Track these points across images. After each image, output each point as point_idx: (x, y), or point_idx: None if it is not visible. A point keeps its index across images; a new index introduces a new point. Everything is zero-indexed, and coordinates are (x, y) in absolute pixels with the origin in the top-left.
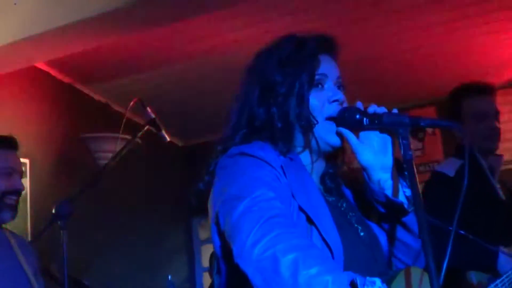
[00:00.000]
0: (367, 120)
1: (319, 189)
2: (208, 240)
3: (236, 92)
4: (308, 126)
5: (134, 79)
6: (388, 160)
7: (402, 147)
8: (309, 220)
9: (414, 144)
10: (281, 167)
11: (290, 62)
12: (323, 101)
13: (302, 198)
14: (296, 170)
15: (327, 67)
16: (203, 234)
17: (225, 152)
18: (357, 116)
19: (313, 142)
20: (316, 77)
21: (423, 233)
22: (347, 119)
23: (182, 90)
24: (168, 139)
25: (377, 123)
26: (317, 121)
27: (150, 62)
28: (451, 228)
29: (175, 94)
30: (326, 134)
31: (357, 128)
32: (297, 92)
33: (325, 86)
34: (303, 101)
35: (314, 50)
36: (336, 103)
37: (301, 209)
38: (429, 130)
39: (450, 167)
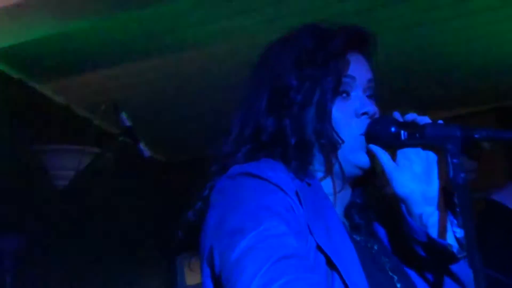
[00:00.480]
0: (406, 133)
1: (344, 224)
2: (197, 287)
3: (235, 95)
4: (330, 146)
5: (104, 76)
6: (434, 189)
7: (451, 169)
8: (330, 264)
9: (466, 164)
10: (296, 193)
11: (310, 62)
12: (349, 114)
13: (321, 235)
14: (314, 198)
15: (356, 68)
16: (191, 278)
17: (224, 172)
18: (393, 129)
19: (336, 166)
20: (342, 81)
21: (479, 286)
22: (380, 133)
23: (166, 91)
24: (148, 153)
25: (419, 137)
26: (342, 140)
27: (123, 55)
28: None
29: (156, 96)
30: (353, 153)
31: (392, 144)
32: (318, 102)
33: (352, 94)
34: (325, 113)
35: (342, 46)
36: (365, 116)
37: (319, 248)
38: (487, 145)
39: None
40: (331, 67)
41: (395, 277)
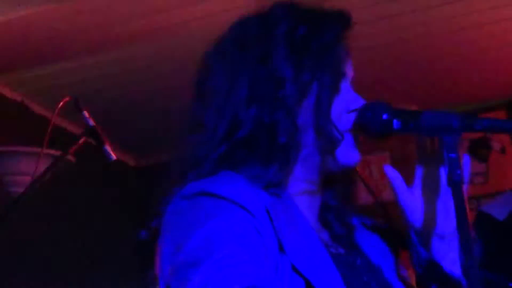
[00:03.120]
0: (399, 122)
1: (322, 237)
2: None
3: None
4: (330, 144)
5: (63, 70)
6: (453, 222)
7: (447, 164)
8: (309, 286)
9: (474, 166)
10: (266, 210)
11: (306, 51)
12: (340, 110)
13: (297, 255)
14: (286, 212)
15: (346, 62)
16: None
17: (183, 186)
18: (385, 116)
19: (331, 164)
20: (339, 75)
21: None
22: (370, 120)
23: (133, 86)
24: (114, 157)
25: (413, 127)
26: (342, 136)
27: (85, 44)
28: None
29: (122, 92)
30: (344, 152)
31: (384, 134)
32: (317, 96)
33: (343, 88)
34: (326, 108)
35: (336, 38)
36: (355, 112)
37: (295, 270)
38: (497, 146)
39: (503, 205)
40: (329, 59)
41: None
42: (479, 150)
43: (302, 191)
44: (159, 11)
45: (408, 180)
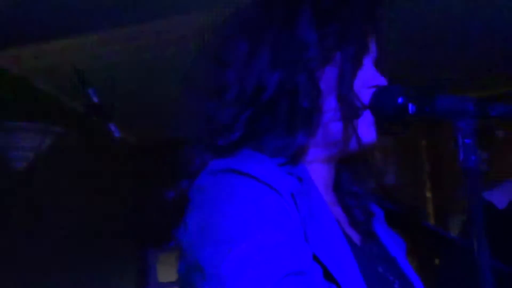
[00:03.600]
0: (414, 106)
1: (340, 221)
2: (171, 285)
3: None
4: (352, 114)
5: (67, 45)
6: None
7: (461, 149)
8: (328, 276)
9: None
10: (292, 195)
11: (333, 17)
12: (360, 84)
13: (319, 243)
14: (308, 198)
15: (370, 38)
16: (164, 275)
17: (215, 154)
18: (400, 100)
19: (350, 133)
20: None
21: (486, 282)
22: (385, 104)
23: (137, 64)
24: (119, 133)
25: (429, 112)
26: (364, 106)
27: (90, 20)
28: None
29: (126, 70)
30: (362, 128)
31: (398, 118)
32: (341, 63)
33: (365, 63)
34: (349, 76)
35: (365, 9)
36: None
37: (316, 259)
38: (501, 133)
39: (504, 193)
40: (355, 30)
41: (396, 284)
42: (483, 138)
43: (320, 159)
44: None
45: (410, 164)
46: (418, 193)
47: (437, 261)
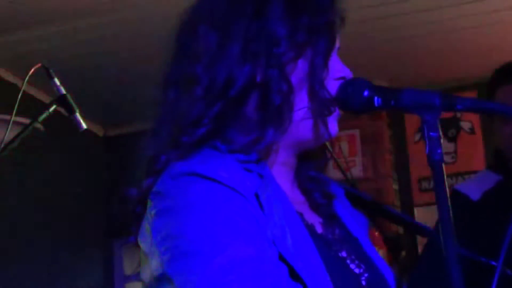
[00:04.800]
0: (380, 99)
1: (299, 213)
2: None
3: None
4: (323, 110)
5: (32, 37)
6: None
7: (427, 142)
8: (293, 275)
9: (443, 146)
10: (256, 195)
11: (303, 11)
12: (328, 77)
13: (285, 243)
14: (270, 195)
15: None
16: (129, 266)
17: (182, 153)
18: (366, 93)
19: (321, 131)
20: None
21: (453, 270)
22: (351, 96)
23: (103, 55)
24: (84, 126)
25: (394, 105)
26: (335, 103)
27: (55, 11)
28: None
29: (92, 61)
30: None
31: (364, 111)
32: (312, 57)
33: (332, 56)
34: (321, 73)
35: (330, 4)
36: (341, 81)
37: (282, 258)
38: (466, 126)
39: (477, 185)
40: (324, 24)
41: (362, 268)
42: (449, 130)
43: (283, 160)
44: None
45: (376, 157)
46: (384, 185)
47: (403, 254)
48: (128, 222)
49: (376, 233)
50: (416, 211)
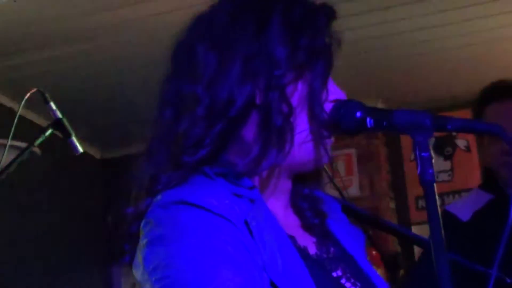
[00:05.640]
0: (372, 120)
1: (290, 238)
2: None
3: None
4: (322, 133)
5: (28, 61)
6: None
7: (419, 163)
8: None
9: (438, 164)
10: (245, 222)
11: (301, 33)
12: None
13: (275, 269)
14: (261, 220)
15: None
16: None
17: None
18: (358, 114)
19: (322, 152)
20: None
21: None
22: (343, 118)
23: (100, 78)
24: (81, 149)
25: (386, 126)
26: (338, 126)
27: (50, 36)
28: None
29: (89, 84)
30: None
31: (357, 132)
32: (311, 80)
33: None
34: (321, 95)
35: (326, 26)
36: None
37: (273, 284)
38: (462, 144)
39: (468, 205)
40: (323, 45)
41: (358, 286)
42: (445, 148)
43: (278, 183)
44: (124, 5)
45: (373, 176)
46: (381, 204)
47: (402, 272)
48: (124, 241)
49: (374, 252)
50: (413, 229)
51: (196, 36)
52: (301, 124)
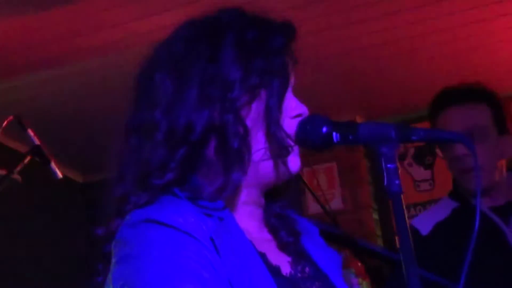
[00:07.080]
0: (338, 135)
1: (261, 255)
2: None
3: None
4: (281, 150)
5: (6, 88)
6: None
7: (385, 174)
8: None
9: (420, 173)
10: (211, 239)
11: (255, 55)
12: (284, 116)
13: (241, 285)
14: (230, 238)
15: (290, 69)
16: None
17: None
18: (324, 130)
19: (281, 170)
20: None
21: None
22: (310, 133)
23: (79, 103)
24: (60, 175)
25: (352, 139)
26: (294, 144)
27: (29, 61)
28: None
29: (68, 108)
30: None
31: (324, 147)
32: (267, 100)
33: (287, 94)
34: (277, 114)
35: (283, 46)
36: (298, 119)
37: None
38: (440, 152)
39: (431, 217)
40: (277, 65)
41: None
42: (425, 157)
43: (248, 200)
44: (103, 27)
45: (355, 188)
46: (364, 216)
47: None
48: (98, 261)
49: (359, 264)
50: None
51: (155, 65)
52: (258, 142)
